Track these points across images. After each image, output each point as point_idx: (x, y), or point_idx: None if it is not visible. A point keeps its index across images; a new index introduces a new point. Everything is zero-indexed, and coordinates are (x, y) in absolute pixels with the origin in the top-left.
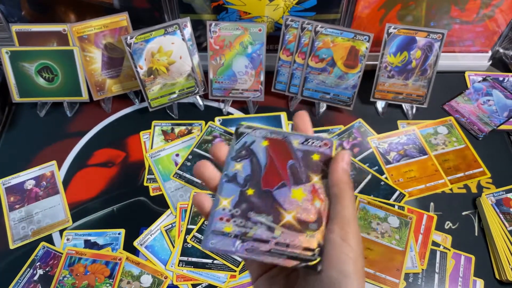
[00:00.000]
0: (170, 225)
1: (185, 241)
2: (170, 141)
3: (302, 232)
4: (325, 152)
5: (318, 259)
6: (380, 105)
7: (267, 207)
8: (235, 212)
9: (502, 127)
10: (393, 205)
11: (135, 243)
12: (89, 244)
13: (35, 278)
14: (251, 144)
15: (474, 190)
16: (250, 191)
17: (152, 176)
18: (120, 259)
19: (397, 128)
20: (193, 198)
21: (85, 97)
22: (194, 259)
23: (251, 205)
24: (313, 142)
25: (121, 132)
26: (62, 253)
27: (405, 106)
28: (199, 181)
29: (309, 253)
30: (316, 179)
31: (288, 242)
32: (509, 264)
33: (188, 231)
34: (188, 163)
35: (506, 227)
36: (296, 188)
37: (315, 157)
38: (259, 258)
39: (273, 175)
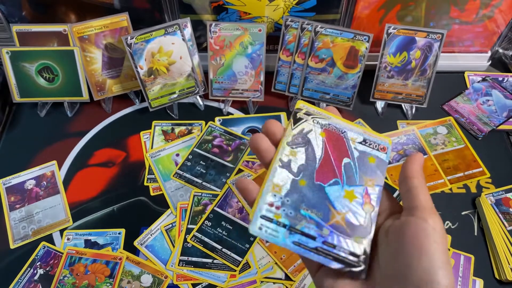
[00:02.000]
0: (170, 225)
1: (185, 240)
2: (170, 141)
3: (350, 236)
4: (381, 157)
5: (363, 267)
6: (379, 105)
7: (318, 202)
8: (285, 200)
9: (502, 127)
10: None
11: (135, 243)
12: (89, 244)
13: (36, 277)
14: (308, 133)
15: (473, 190)
16: (302, 182)
17: (152, 176)
18: (120, 259)
19: (397, 128)
20: (237, 183)
21: (85, 97)
22: (194, 259)
23: (303, 197)
24: (370, 144)
25: (121, 132)
26: (62, 253)
27: (405, 106)
28: (199, 181)
29: (355, 259)
30: (369, 183)
31: (335, 243)
32: (509, 264)
33: (188, 231)
34: (188, 163)
35: (505, 227)
36: (349, 189)
37: (371, 160)
38: (305, 254)
39: (328, 169)
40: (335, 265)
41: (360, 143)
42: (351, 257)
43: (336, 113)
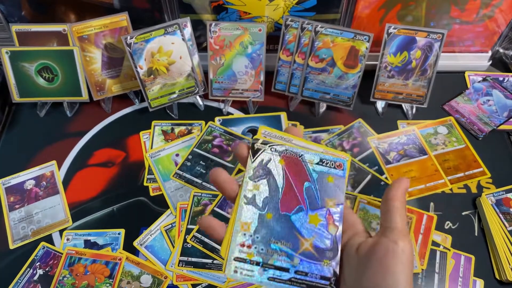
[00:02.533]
0: (170, 225)
1: (185, 241)
2: (170, 141)
3: (319, 260)
4: (339, 174)
5: None
6: (380, 105)
7: (286, 233)
8: (255, 238)
9: (502, 127)
10: None
11: (135, 243)
12: (89, 244)
13: (35, 278)
14: (267, 163)
15: (474, 190)
16: (269, 215)
17: (152, 176)
18: (120, 259)
19: (397, 128)
20: (200, 222)
21: (85, 97)
22: (194, 259)
23: (271, 230)
24: (327, 163)
25: (121, 132)
26: (62, 253)
27: (405, 106)
28: (199, 181)
29: (326, 282)
30: (331, 203)
31: (307, 271)
32: (509, 264)
33: (188, 231)
34: (188, 163)
35: (506, 227)
36: (313, 213)
37: (330, 179)
38: (282, 287)
39: (291, 197)
40: None
41: (318, 163)
42: (322, 281)
43: (297, 132)
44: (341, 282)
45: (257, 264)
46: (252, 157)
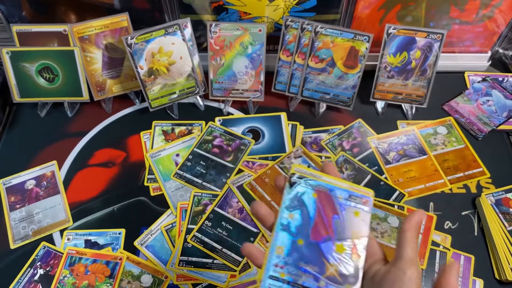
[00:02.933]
0: (171, 225)
1: (185, 241)
2: (170, 141)
3: (342, 284)
4: (365, 210)
5: None
6: (379, 105)
7: (314, 258)
8: (288, 260)
9: (502, 127)
10: (393, 205)
11: (136, 243)
12: (89, 244)
13: (36, 277)
14: (302, 195)
15: (473, 190)
16: (300, 241)
17: (152, 176)
18: (120, 259)
19: (397, 128)
20: (244, 248)
21: (85, 97)
22: (194, 259)
23: (301, 255)
24: (355, 199)
25: (121, 132)
26: (62, 253)
27: (405, 106)
28: (199, 181)
29: None
30: (356, 235)
31: None
32: (509, 264)
33: (189, 231)
34: (189, 163)
35: (505, 227)
36: (339, 243)
37: (356, 214)
38: None
39: (320, 228)
40: None
41: (346, 199)
42: None
43: (332, 169)
44: None
45: (288, 283)
46: (288, 189)
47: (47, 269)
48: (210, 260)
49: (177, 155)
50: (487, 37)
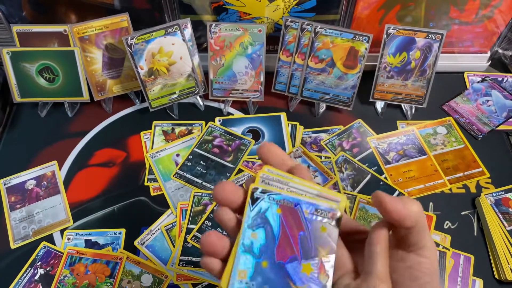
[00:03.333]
0: (171, 225)
1: (185, 240)
2: (170, 141)
3: None
4: (332, 224)
5: None
6: (379, 105)
7: (280, 281)
8: (251, 285)
9: (501, 127)
10: None
11: (136, 243)
12: (89, 244)
13: (36, 277)
14: (265, 211)
15: (473, 190)
16: (264, 263)
17: (152, 176)
18: (120, 259)
19: (397, 128)
20: (203, 240)
21: (86, 97)
22: (194, 259)
23: (266, 278)
24: (321, 213)
25: (121, 132)
26: (62, 253)
27: (404, 107)
28: (199, 181)
29: None
30: (323, 253)
31: None
32: (508, 264)
33: (189, 231)
34: (189, 163)
35: (505, 227)
36: (306, 263)
37: (323, 229)
38: None
39: (286, 247)
40: None
41: (312, 213)
42: None
43: (305, 172)
44: None
45: None
46: (251, 206)
47: (47, 269)
48: None
49: (177, 155)
50: (486, 38)
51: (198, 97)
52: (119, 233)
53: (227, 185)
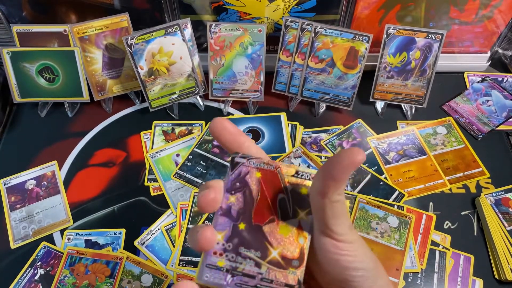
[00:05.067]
0: (171, 225)
1: (185, 240)
2: (170, 141)
3: (285, 269)
4: None
5: None
6: (379, 105)
7: (256, 242)
8: (227, 246)
9: (501, 127)
10: (393, 205)
11: (136, 243)
12: (89, 244)
13: (36, 277)
14: (245, 175)
15: (473, 190)
16: (242, 226)
17: (152, 176)
18: (120, 259)
19: (397, 128)
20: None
21: (86, 97)
22: (194, 259)
23: (242, 240)
24: (302, 175)
25: (121, 132)
26: (63, 253)
27: (404, 107)
28: (199, 181)
29: None
30: (302, 214)
31: (272, 278)
32: (508, 264)
33: (189, 231)
34: (189, 163)
35: (505, 227)
36: (283, 224)
37: (304, 191)
38: None
39: (264, 209)
40: None
41: (293, 175)
42: None
43: (251, 148)
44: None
45: (227, 271)
46: (231, 170)
47: (48, 269)
48: None
49: (177, 155)
50: (486, 37)
51: (198, 97)
52: (119, 233)
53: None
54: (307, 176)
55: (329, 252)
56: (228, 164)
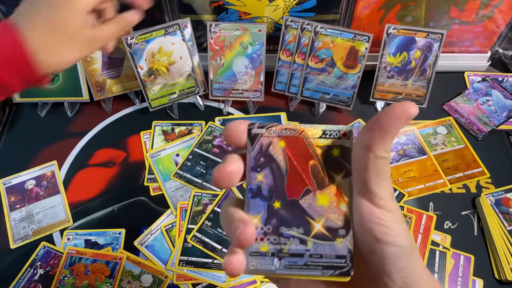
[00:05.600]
0: (171, 225)
1: (185, 240)
2: (170, 141)
3: (332, 240)
4: (345, 144)
5: (350, 265)
6: (379, 105)
7: (296, 218)
8: (267, 229)
9: (501, 127)
10: None
11: (136, 243)
12: (89, 244)
13: (36, 277)
14: (268, 148)
15: (473, 190)
16: (276, 204)
17: (152, 176)
18: (120, 259)
19: None
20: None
21: (85, 97)
22: (194, 259)
23: (281, 219)
24: (331, 134)
25: (121, 132)
26: (62, 253)
27: None
28: (199, 181)
29: (342, 261)
30: (338, 178)
31: (321, 253)
32: (508, 264)
33: (188, 231)
34: (188, 163)
35: (505, 227)
36: (321, 193)
37: (335, 152)
38: (300, 273)
39: (296, 181)
40: (325, 273)
41: (321, 137)
42: (338, 260)
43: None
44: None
45: (272, 254)
46: (251, 145)
47: (47, 269)
48: (210, 260)
49: (177, 155)
50: (487, 37)
51: (198, 97)
52: (119, 233)
53: (231, 125)
54: (336, 134)
55: (364, 219)
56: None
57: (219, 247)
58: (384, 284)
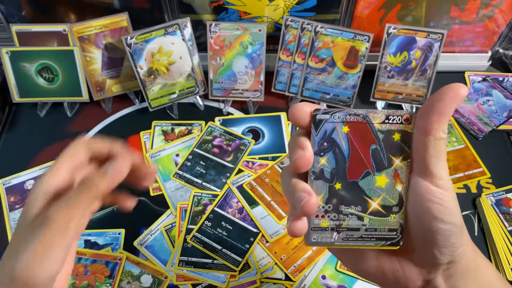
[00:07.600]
0: (170, 225)
1: (185, 241)
2: (170, 141)
3: (387, 216)
4: (406, 129)
5: (400, 237)
6: (380, 105)
7: (355, 198)
8: (328, 208)
9: (502, 127)
10: None
11: (135, 243)
12: (89, 244)
13: None
14: (331, 133)
15: (473, 190)
16: (338, 185)
17: None
18: (120, 259)
19: None
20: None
21: (85, 97)
22: (194, 259)
23: (341, 199)
24: (393, 119)
25: (121, 132)
26: None
27: (405, 106)
28: (199, 182)
29: (393, 234)
30: (397, 162)
31: (375, 227)
32: (509, 264)
33: (188, 231)
34: (188, 163)
35: (506, 227)
36: (380, 175)
37: (396, 136)
38: (355, 244)
39: (358, 164)
40: (378, 244)
41: (383, 122)
42: (390, 233)
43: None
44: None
45: (332, 229)
46: (315, 131)
47: None
48: (210, 260)
49: (177, 155)
50: (487, 37)
51: (198, 97)
52: (119, 234)
53: (297, 106)
54: (399, 119)
55: (422, 198)
56: (227, 164)
57: (219, 247)
58: (433, 255)
